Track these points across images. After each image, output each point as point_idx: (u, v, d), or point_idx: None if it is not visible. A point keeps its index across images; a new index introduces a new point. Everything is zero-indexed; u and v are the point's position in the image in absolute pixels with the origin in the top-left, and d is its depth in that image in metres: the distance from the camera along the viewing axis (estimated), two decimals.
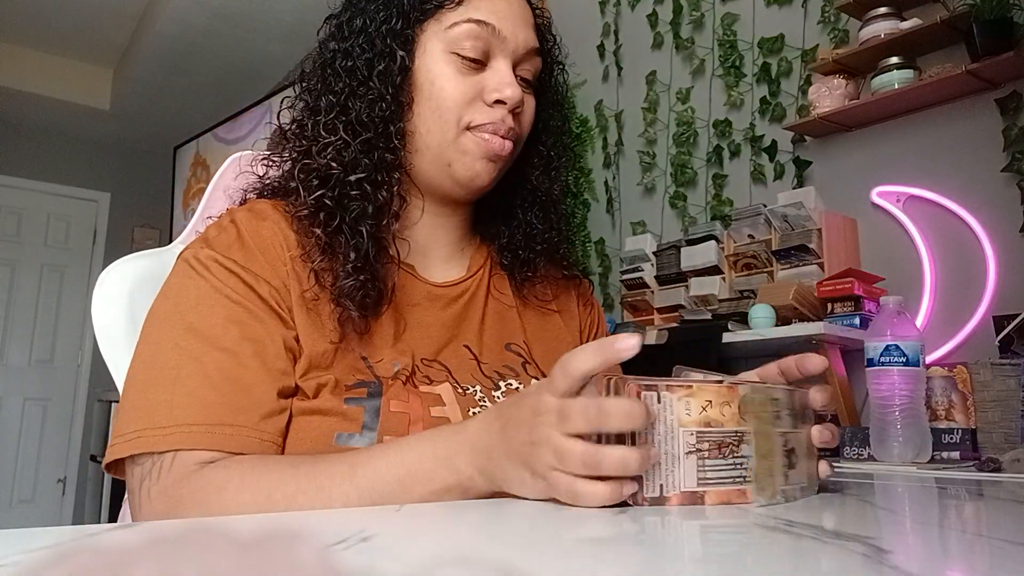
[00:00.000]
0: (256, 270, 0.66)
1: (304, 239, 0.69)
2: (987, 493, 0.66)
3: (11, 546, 0.32)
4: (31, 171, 4.93)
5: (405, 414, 0.65)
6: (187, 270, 0.67)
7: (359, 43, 0.71)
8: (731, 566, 0.31)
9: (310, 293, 0.68)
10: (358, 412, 0.64)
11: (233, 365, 0.61)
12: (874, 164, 1.77)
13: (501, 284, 0.82)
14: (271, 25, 3.94)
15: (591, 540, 0.38)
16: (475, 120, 0.70)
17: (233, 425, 0.59)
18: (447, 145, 0.71)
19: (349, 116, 0.70)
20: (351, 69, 0.71)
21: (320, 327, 0.67)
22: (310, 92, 0.73)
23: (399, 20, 0.70)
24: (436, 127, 0.70)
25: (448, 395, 0.70)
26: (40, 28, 4.20)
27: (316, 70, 0.74)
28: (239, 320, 0.63)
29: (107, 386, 4.41)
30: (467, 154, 0.71)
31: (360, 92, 0.70)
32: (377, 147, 0.70)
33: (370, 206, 0.69)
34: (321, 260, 0.68)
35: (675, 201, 2.26)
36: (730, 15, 2.14)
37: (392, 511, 0.46)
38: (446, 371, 0.72)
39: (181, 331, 0.63)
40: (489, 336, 0.77)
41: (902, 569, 0.30)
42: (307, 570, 0.31)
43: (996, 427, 1.21)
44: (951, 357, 1.52)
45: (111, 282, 0.84)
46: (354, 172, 0.69)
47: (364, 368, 0.67)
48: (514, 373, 0.76)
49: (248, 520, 0.42)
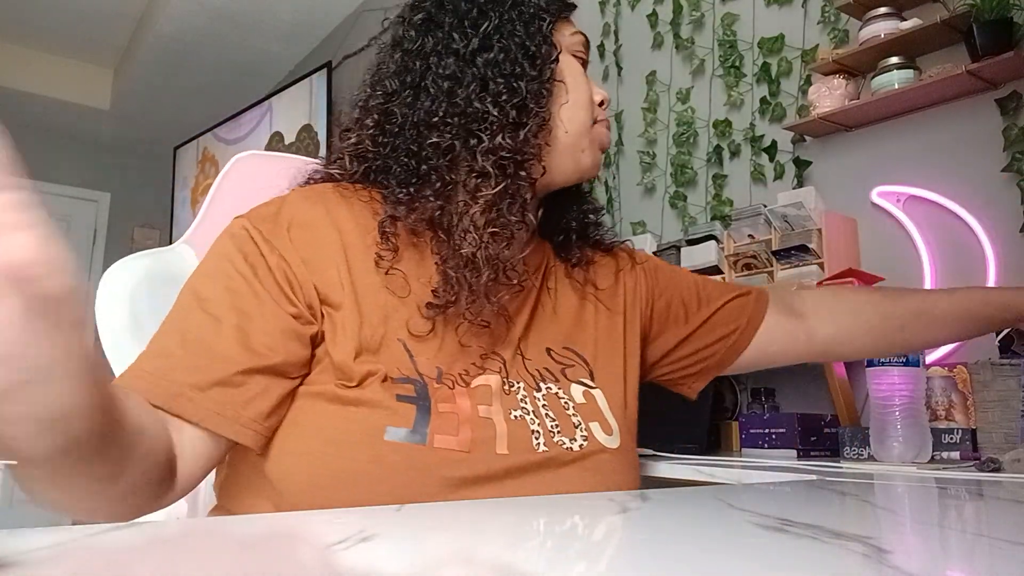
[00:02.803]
0: (278, 245, 0.67)
1: (390, 225, 0.71)
2: (987, 493, 0.66)
3: (11, 546, 0.32)
4: (31, 171, 4.90)
5: (454, 414, 0.66)
6: (221, 235, 0.71)
7: (515, 26, 0.75)
8: (731, 566, 0.31)
9: (368, 279, 0.69)
10: (409, 410, 0.65)
11: (210, 330, 0.62)
12: (874, 164, 1.77)
13: (556, 281, 0.83)
14: (271, 25, 3.94)
15: (591, 540, 0.38)
16: (597, 115, 0.80)
17: (177, 383, 0.59)
18: (583, 136, 0.78)
19: (516, 98, 0.73)
20: (510, 53, 0.74)
21: (371, 314, 0.68)
22: (440, 77, 0.74)
23: (545, 15, 0.77)
24: (577, 118, 0.78)
25: (496, 388, 0.71)
26: (40, 28, 4.20)
27: (449, 54, 0.75)
28: (235, 290, 0.65)
29: None
30: (594, 144, 0.80)
31: (518, 73, 0.73)
32: (530, 135, 0.73)
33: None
34: (396, 258, 0.70)
35: (675, 201, 2.26)
36: (730, 15, 2.14)
37: (392, 511, 0.46)
38: (500, 361, 0.73)
39: (189, 290, 0.67)
40: (535, 334, 0.78)
41: (902, 569, 0.30)
42: (307, 570, 0.31)
43: (996, 427, 1.21)
44: (951, 357, 1.52)
45: (114, 281, 0.84)
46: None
47: (408, 363, 0.67)
48: (553, 377, 0.76)
49: (248, 520, 0.42)
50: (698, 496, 0.60)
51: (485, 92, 0.72)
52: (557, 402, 0.74)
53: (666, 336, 0.90)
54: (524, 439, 0.69)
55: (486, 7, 0.75)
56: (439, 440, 0.64)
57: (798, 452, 1.38)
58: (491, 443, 0.67)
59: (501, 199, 0.71)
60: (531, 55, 0.74)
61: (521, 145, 0.71)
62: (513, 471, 0.67)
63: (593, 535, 0.39)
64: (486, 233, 0.70)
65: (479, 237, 0.69)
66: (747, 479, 1.05)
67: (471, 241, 0.70)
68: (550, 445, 0.70)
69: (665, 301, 0.91)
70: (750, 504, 0.52)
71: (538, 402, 0.73)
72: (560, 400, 0.74)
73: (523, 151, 0.72)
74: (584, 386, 0.77)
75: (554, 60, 0.76)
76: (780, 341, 0.92)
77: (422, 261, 0.73)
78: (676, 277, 0.94)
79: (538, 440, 0.70)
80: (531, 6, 0.76)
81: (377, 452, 0.62)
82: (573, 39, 0.81)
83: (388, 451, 0.63)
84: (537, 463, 0.69)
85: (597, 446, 0.73)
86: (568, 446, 0.71)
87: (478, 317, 0.70)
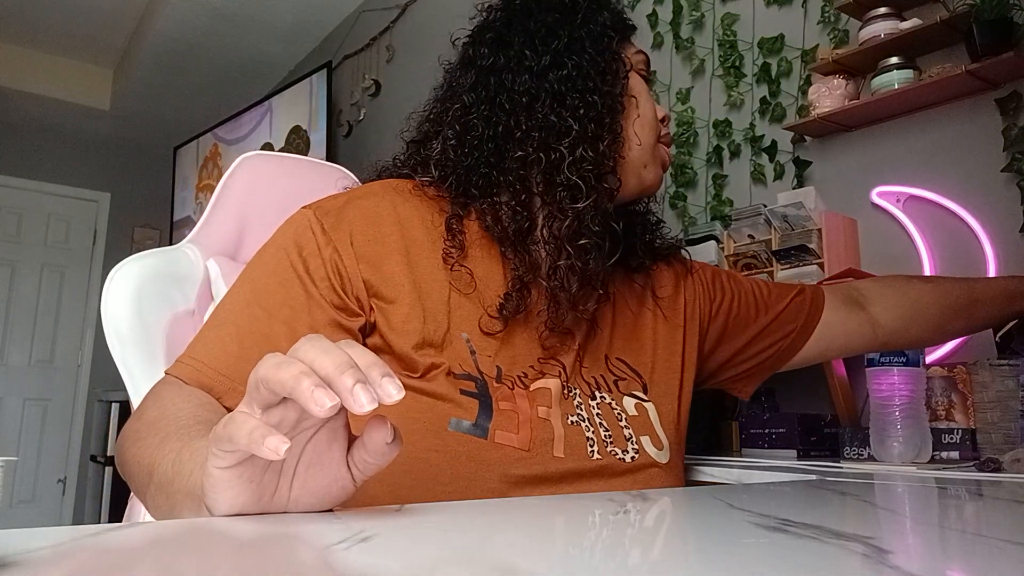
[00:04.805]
0: (335, 237, 0.69)
1: (455, 226, 0.73)
2: (987, 493, 0.66)
3: (11, 546, 0.32)
4: (31, 171, 4.92)
5: (514, 412, 0.68)
6: (285, 223, 0.72)
7: (585, 44, 0.76)
8: (731, 566, 0.31)
9: (432, 275, 0.71)
10: (472, 404, 0.67)
11: (263, 325, 0.65)
12: (874, 164, 1.77)
13: (615, 288, 0.84)
14: (271, 25, 3.94)
15: (591, 540, 0.38)
16: (661, 132, 0.83)
17: (231, 379, 0.63)
18: (647, 151, 0.80)
19: (593, 112, 0.74)
20: (583, 70, 0.75)
21: (435, 310, 0.69)
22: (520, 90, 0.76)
23: (613, 34, 0.79)
24: (644, 134, 0.80)
25: (556, 392, 0.72)
26: (40, 28, 4.19)
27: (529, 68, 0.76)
28: (287, 283, 0.67)
29: (107, 386, 4.41)
30: (656, 160, 0.81)
31: (592, 88, 0.75)
32: (607, 148, 0.75)
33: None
34: (463, 255, 0.72)
35: (675, 201, 2.26)
36: (730, 15, 2.14)
37: (392, 511, 0.46)
38: (560, 366, 0.74)
39: (247, 280, 0.69)
40: (594, 342, 0.79)
41: (902, 569, 0.30)
42: (307, 570, 0.31)
43: (995, 427, 1.21)
44: (951, 357, 1.52)
45: (120, 281, 0.84)
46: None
47: (469, 360, 0.69)
48: (607, 387, 0.77)
49: (248, 520, 0.42)
50: (698, 496, 0.60)
51: (562, 107, 0.73)
52: (611, 412, 0.75)
53: (725, 346, 0.91)
54: (579, 445, 0.70)
55: (555, 26, 0.77)
56: (500, 436, 0.66)
57: (798, 452, 1.38)
58: (549, 445, 0.69)
59: (586, 211, 0.72)
60: (603, 71, 0.76)
61: (601, 158, 0.73)
62: (569, 476, 0.68)
63: (594, 535, 0.39)
64: (574, 245, 0.71)
65: (568, 248, 0.71)
66: (747, 479, 1.05)
67: (556, 252, 0.71)
68: (603, 454, 0.71)
69: (724, 312, 0.91)
70: (750, 504, 0.52)
71: (592, 411, 0.74)
72: (614, 411, 0.75)
73: (603, 163, 0.73)
74: (636, 399, 0.78)
75: (625, 76, 0.78)
76: (842, 336, 0.95)
77: (491, 263, 0.74)
78: (734, 285, 0.94)
79: (592, 448, 0.71)
80: (598, 24, 0.78)
81: (442, 441, 0.64)
82: (637, 57, 0.83)
83: (452, 441, 0.64)
84: (591, 470, 0.70)
85: (648, 460, 0.74)
86: (620, 457, 0.72)
87: (560, 326, 0.72)
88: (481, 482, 0.64)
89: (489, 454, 0.65)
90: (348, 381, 0.38)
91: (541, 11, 0.78)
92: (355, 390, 0.38)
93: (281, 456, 0.37)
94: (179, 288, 0.88)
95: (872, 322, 0.95)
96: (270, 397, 0.40)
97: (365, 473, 0.44)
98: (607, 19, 0.79)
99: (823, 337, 0.92)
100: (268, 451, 0.37)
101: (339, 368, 0.39)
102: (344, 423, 0.44)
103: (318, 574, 0.30)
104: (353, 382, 0.38)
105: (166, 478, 0.49)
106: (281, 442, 0.37)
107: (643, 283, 0.86)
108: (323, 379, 0.38)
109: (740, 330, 0.91)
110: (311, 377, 0.38)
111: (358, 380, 0.38)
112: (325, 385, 0.38)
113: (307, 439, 0.43)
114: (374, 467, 0.44)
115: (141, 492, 0.53)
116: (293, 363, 0.39)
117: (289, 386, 0.38)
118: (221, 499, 0.42)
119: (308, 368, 0.39)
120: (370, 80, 3.53)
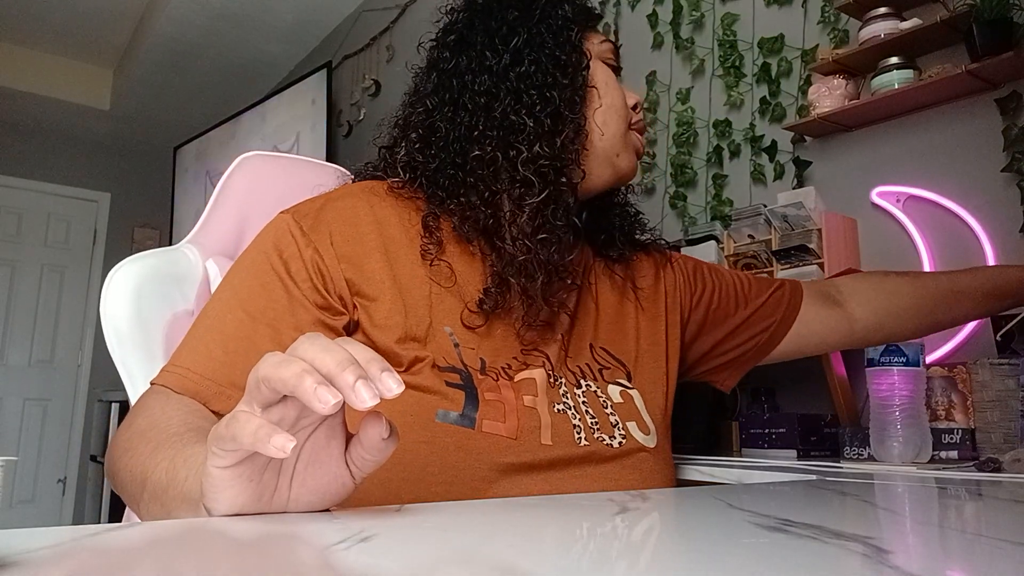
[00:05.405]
0: (315, 239, 0.69)
1: (432, 224, 0.73)
2: (987, 493, 0.66)
3: (11, 546, 0.32)
4: (31, 171, 4.92)
5: (500, 402, 0.69)
6: (265, 228, 0.73)
7: (544, 39, 0.76)
8: (731, 566, 0.31)
9: (412, 271, 0.71)
10: (458, 395, 0.67)
11: (247, 329, 0.66)
12: (874, 164, 1.77)
13: (597, 278, 0.85)
14: (271, 25, 3.94)
15: (591, 540, 0.38)
16: (632, 119, 0.82)
17: (218, 383, 0.63)
18: (618, 139, 0.80)
19: (550, 107, 0.74)
20: (541, 65, 0.76)
21: (416, 305, 0.70)
22: (473, 86, 0.76)
23: (573, 26, 0.79)
24: (610, 123, 0.80)
25: (541, 382, 0.73)
26: (40, 28, 4.19)
27: (487, 66, 0.77)
28: (269, 286, 0.68)
29: (107, 386, 4.41)
30: (628, 148, 0.82)
31: (550, 83, 0.75)
32: (567, 142, 0.75)
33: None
34: (440, 250, 0.73)
35: (675, 201, 2.26)
36: (730, 15, 2.14)
37: (392, 511, 0.46)
38: (544, 357, 0.75)
39: (229, 287, 0.69)
40: (579, 331, 0.80)
41: (902, 569, 0.30)
42: (307, 570, 0.31)
43: (995, 427, 1.21)
44: (951, 357, 1.52)
45: (120, 281, 0.84)
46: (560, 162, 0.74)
47: (453, 353, 0.70)
48: (592, 376, 0.78)
49: (248, 520, 0.42)
50: (698, 496, 0.60)
51: (520, 104, 0.74)
52: (596, 400, 0.76)
53: (705, 337, 0.92)
54: (566, 432, 0.71)
55: (515, 24, 0.77)
56: (487, 426, 0.67)
57: (798, 452, 1.38)
58: (536, 433, 0.70)
59: (546, 205, 0.73)
60: (562, 64, 0.76)
61: (559, 152, 0.74)
62: (557, 462, 0.69)
63: (594, 535, 0.39)
64: (535, 240, 0.72)
65: (529, 243, 0.72)
66: (747, 479, 1.05)
67: (521, 247, 0.72)
68: (590, 440, 0.72)
69: (705, 303, 0.92)
70: (750, 504, 0.52)
71: (579, 399, 0.75)
72: (599, 399, 0.76)
73: (561, 157, 0.74)
74: (621, 386, 0.79)
75: (585, 67, 0.78)
76: (819, 332, 0.95)
77: (470, 258, 0.75)
78: (716, 277, 0.95)
79: (579, 435, 0.72)
80: (558, 19, 0.78)
81: (430, 433, 0.65)
82: (603, 47, 0.83)
83: (440, 432, 0.65)
84: (579, 457, 0.71)
85: (636, 444, 0.75)
86: (608, 442, 0.73)
87: (536, 319, 0.72)
88: (470, 471, 0.65)
89: (477, 443, 0.66)
90: (350, 378, 0.38)
91: (502, 9, 0.79)
92: (357, 386, 0.38)
93: (287, 453, 0.38)
94: (179, 288, 0.89)
95: (848, 318, 0.96)
96: (271, 396, 0.40)
97: (364, 470, 0.45)
98: (568, 11, 0.79)
99: (800, 333, 0.93)
100: (274, 449, 0.37)
101: (340, 365, 0.39)
102: (342, 420, 0.45)
103: (318, 574, 0.30)
104: (355, 378, 0.38)
105: (160, 487, 0.49)
106: (287, 440, 0.38)
107: (623, 274, 0.87)
108: (324, 376, 0.39)
109: (720, 322, 0.92)
110: (313, 375, 0.38)
111: (359, 376, 0.39)
112: (327, 382, 0.38)
113: (306, 437, 0.44)
114: (372, 464, 0.44)
115: (134, 503, 0.53)
116: (294, 361, 0.39)
117: (291, 384, 0.38)
118: (221, 499, 0.42)
119: (309, 366, 0.39)
120: (370, 80, 3.54)
